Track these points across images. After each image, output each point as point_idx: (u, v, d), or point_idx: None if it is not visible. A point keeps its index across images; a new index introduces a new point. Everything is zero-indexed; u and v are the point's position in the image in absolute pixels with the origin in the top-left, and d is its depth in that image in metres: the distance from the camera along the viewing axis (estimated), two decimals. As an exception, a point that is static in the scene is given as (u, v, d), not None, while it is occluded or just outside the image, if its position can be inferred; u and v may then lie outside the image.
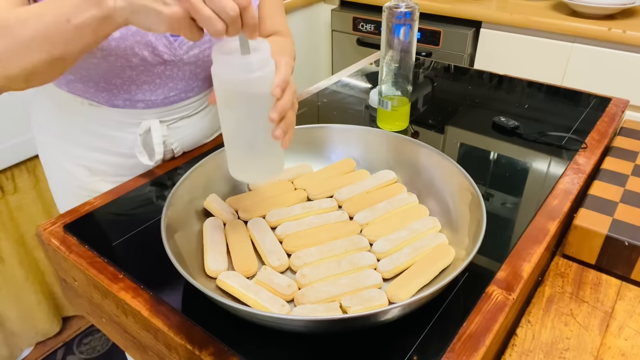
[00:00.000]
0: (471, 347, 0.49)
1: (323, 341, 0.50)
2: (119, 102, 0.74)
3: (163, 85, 0.74)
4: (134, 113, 0.75)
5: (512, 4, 1.66)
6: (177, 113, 0.78)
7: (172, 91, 0.75)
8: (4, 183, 1.28)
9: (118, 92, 0.72)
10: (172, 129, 0.79)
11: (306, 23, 2.03)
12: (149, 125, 0.76)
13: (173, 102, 0.77)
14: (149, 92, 0.74)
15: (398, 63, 0.82)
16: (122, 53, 0.66)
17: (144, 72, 0.71)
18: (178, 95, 0.76)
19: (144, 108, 0.75)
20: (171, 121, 0.78)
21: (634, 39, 1.38)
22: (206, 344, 0.51)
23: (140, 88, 0.73)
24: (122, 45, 0.65)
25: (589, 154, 0.81)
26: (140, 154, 0.77)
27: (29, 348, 1.53)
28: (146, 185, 0.75)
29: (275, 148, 0.54)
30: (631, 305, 0.61)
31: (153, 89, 0.73)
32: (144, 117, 0.76)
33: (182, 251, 0.56)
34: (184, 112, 0.79)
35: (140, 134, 0.75)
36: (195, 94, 0.79)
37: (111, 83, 0.71)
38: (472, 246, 0.52)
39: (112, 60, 0.66)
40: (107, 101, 0.74)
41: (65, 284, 0.70)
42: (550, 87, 1.05)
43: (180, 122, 0.79)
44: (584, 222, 0.65)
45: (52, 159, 0.84)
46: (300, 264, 0.58)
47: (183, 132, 0.80)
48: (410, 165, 0.71)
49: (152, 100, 0.74)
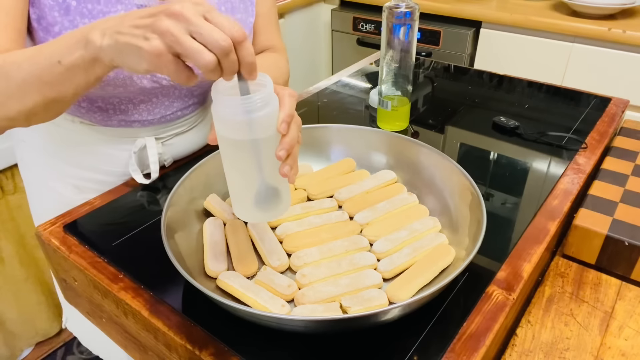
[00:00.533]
0: (471, 347, 0.49)
1: (323, 341, 0.50)
2: (114, 122, 0.72)
3: (160, 104, 0.73)
4: (129, 131, 0.74)
5: (512, 4, 1.66)
6: (173, 130, 0.77)
7: (168, 110, 0.74)
8: (4, 183, 1.28)
9: (114, 112, 0.71)
10: (166, 145, 0.78)
11: (306, 23, 2.03)
12: (144, 142, 0.74)
13: (169, 120, 0.76)
14: (146, 112, 0.72)
15: (398, 63, 0.82)
16: (120, 83, 0.64)
17: (142, 94, 0.70)
18: (174, 113, 0.75)
19: (139, 127, 0.74)
20: (166, 138, 0.77)
21: (634, 39, 1.39)
22: (206, 344, 0.51)
23: (137, 108, 0.71)
24: (120, 76, 0.64)
25: (589, 154, 0.81)
26: (135, 172, 0.74)
27: (29, 348, 1.53)
28: (145, 185, 0.75)
29: (283, 184, 0.52)
30: (631, 305, 0.61)
31: (150, 108, 0.72)
32: (139, 134, 0.74)
33: (182, 251, 0.56)
34: (180, 129, 0.78)
35: (135, 151, 0.74)
36: (191, 111, 0.78)
37: (108, 103, 0.69)
38: (472, 246, 0.52)
39: (109, 90, 0.65)
40: (101, 121, 0.72)
41: (65, 284, 0.70)
42: (550, 87, 1.05)
43: (174, 138, 0.78)
44: (584, 222, 0.65)
45: (35, 177, 0.81)
46: (300, 264, 0.58)
47: (177, 147, 0.79)
48: (410, 165, 0.71)
49: (149, 120, 0.73)
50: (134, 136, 0.74)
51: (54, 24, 0.60)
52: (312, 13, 2.04)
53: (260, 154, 0.48)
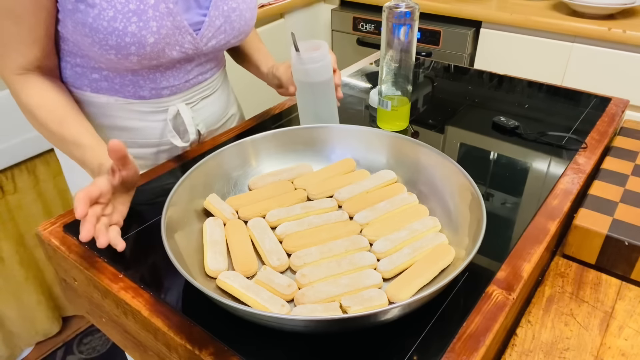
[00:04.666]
0: (471, 347, 0.49)
1: (323, 341, 0.50)
2: (145, 92, 0.78)
3: (183, 69, 0.79)
4: (160, 101, 0.80)
5: (512, 4, 1.66)
6: (198, 94, 0.84)
7: (190, 74, 0.81)
8: (4, 183, 1.28)
9: (144, 82, 0.77)
10: (195, 110, 0.84)
11: (306, 23, 2.03)
12: (176, 109, 0.81)
13: (193, 84, 0.83)
14: (172, 78, 0.79)
15: (398, 63, 0.82)
16: (155, 56, 0.71)
17: (169, 62, 0.76)
18: (196, 77, 0.82)
19: (169, 95, 0.80)
20: (194, 103, 0.84)
21: (634, 39, 1.39)
22: (206, 344, 0.51)
23: (164, 75, 0.77)
24: (155, 49, 0.70)
25: (589, 153, 0.81)
26: (173, 137, 0.81)
27: (29, 348, 1.53)
28: (146, 185, 0.75)
29: (330, 110, 0.82)
30: (631, 305, 0.61)
31: (175, 74, 0.79)
32: (170, 103, 0.81)
33: (182, 251, 0.56)
34: (203, 93, 0.85)
35: (170, 119, 0.80)
36: (210, 75, 0.86)
37: (138, 75, 0.75)
38: (472, 246, 0.52)
39: (145, 63, 0.72)
40: (134, 94, 0.77)
41: (65, 284, 0.70)
42: (550, 87, 1.05)
43: (201, 103, 0.85)
44: (584, 222, 0.65)
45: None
46: (300, 264, 0.58)
47: (205, 112, 0.87)
48: (410, 165, 0.71)
49: (176, 85, 0.80)
50: (165, 105, 0.80)
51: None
52: (312, 13, 2.04)
53: (316, 91, 0.79)
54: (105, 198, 0.60)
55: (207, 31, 0.76)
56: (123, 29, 0.66)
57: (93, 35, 0.66)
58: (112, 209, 0.62)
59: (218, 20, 0.76)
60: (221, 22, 0.77)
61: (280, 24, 1.88)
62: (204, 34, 0.75)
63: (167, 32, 0.70)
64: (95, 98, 0.77)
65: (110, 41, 0.66)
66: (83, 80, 0.76)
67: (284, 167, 0.74)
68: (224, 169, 0.70)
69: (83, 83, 0.76)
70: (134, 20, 0.66)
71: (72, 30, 0.68)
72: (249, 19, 0.81)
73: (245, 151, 0.72)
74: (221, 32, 0.78)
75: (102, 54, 0.68)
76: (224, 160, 0.70)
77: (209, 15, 0.75)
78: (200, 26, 0.75)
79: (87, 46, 0.68)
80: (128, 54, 0.68)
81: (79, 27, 0.66)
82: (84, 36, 0.67)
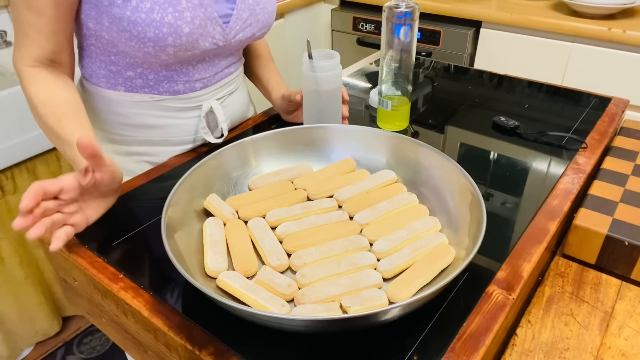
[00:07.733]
0: (471, 347, 0.49)
1: (323, 341, 0.50)
2: (179, 87, 0.79)
3: (212, 62, 0.81)
4: (193, 97, 0.81)
5: (512, 4, 1.66)
6: (225, 89, 0.86)
7: (218, 67, 0.82)
8: (4, 183, 1.28)
9: (178, 76, 0.78)
10: (223, 107, 0.86)
11: (306, 23, 2.03)
12: (209, 105, 0.83)
13: (221, 78, 0.84)
14: (203, 70, 0.80)
15: (398, 63, 0.82)
16: (189, 47, 0.73)
17: (200, 54, 0.77)
18: (223, 71, 0.84)
19: (201, 88, 0.82)
20: (222, 98, 0.86)
21: (634, 39, 1.39)
22: (206, 344, 0.51)
23: (196, 68, 0.79)
24: (190, 39, 0.71)
25: (589, 153, 0.81)
26: (207, 134, 0.83)
27: (29, 348, 1.53)
28: (146, 185, 0.75)
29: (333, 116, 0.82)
30: (631, 305, 0.61)
31: (206, 67, 0.80)
32: (202, 99, 0.82)
33: (182, 251, 0.56)
34: (229, 88, 0.87)
35: (203, 115, 0.82)
36: (234, 69, 0.87)
37: (171, 69, 0.77)
38: (472, 246, 0.52)
39: (180, 55, 0.73)
40: (168, 89, 0.79)
41: (65, 284, 0.70)
42: (550, 87, 1.05)
43: (228, 99, 0.87)
44: (584, 222, 0.65)
45: None
46: (300, 264, 0.58)
47: (231, 108, 0.89)
48: (410, 165, 0.71)
49: (208, 77, 0.81)
50: (198, 102, 0.82)
51: None
52: (312, 13, 2.04)
53: (324, 99, 0.80)
54: (67, 195, 0.57)
55: (235, 24, 0.77)
56: (160, 20, 0.67)
57: (131, 29, 0.67)
58: (75, 209, 0.60)
59: (244, 13, 0.77)
60: (247, 15, 0.78)
61: (280, 23, 1.88)
62: (232, 26, 0.77)
63: (200, 23, 0.71)
64: (129, 97, 0.78)
65: (148, 33, 0.67)
66: (118, 79, 0.76)
67: (284, 167, 0.74)
68: (224, 169, 0.70)
69: (117, 82, 0.77)
70: (170, 10, 0.67)
71: (108, 26, 0.68)
72: (271, 12, 0.83)
73: (245, 151, 0.73)
74: (247, 25, 0.80)
75: (139, 47, 0.69)
76: (224, 160, 0.70)
77: (236, 8, 0.76)
78: (229, 19, 0.76)
79: (124, 41, 0.69)
80: (165, 45, 0.69)
81: (116, 21, 0.67)
82: (122, 31, 0.68)
